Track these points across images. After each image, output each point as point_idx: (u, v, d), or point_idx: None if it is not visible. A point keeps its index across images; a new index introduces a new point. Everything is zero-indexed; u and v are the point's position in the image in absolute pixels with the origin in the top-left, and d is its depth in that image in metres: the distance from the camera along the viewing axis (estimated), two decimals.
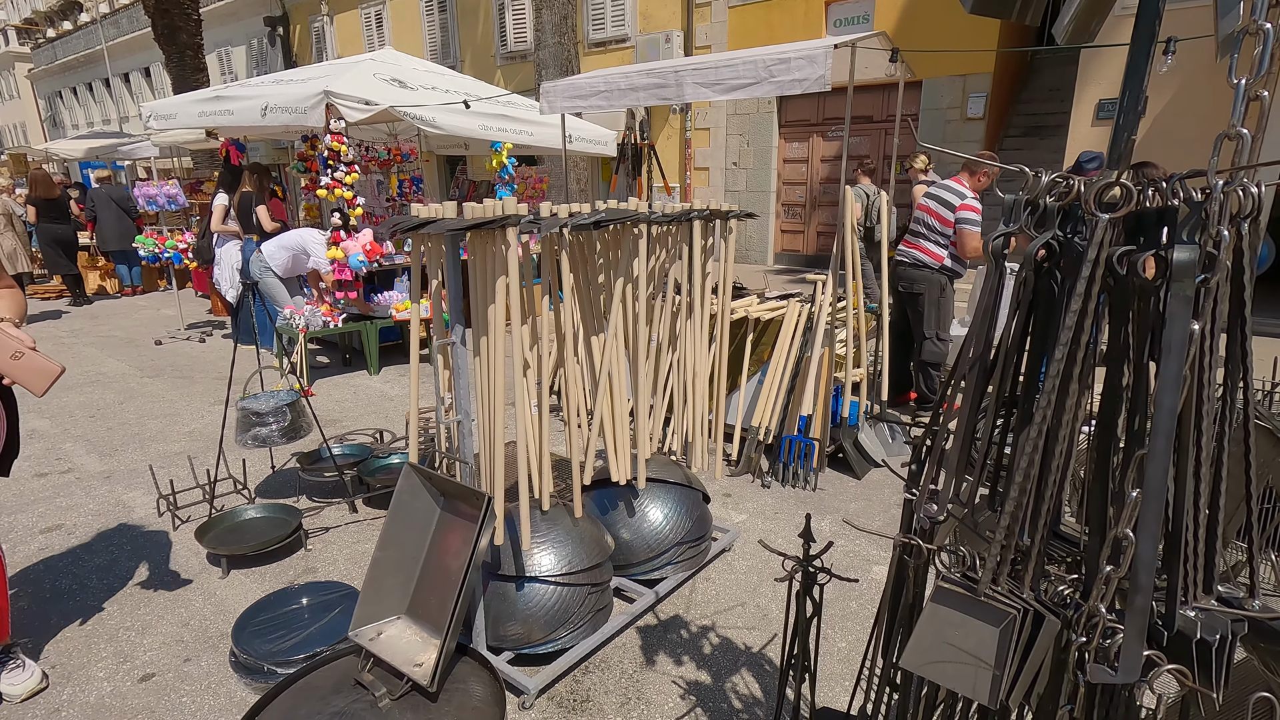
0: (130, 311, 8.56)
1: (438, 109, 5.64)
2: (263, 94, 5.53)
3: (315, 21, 17.85)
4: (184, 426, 4.48)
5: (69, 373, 5.70)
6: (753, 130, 11.01)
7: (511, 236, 1.83)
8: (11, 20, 34.83)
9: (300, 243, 5.45)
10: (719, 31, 10.91)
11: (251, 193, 6.03)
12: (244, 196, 6.00)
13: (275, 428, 3.12)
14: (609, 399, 2.37)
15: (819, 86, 3.33)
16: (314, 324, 5.30)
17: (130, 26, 24.75)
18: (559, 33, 8.77)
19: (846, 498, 3.52)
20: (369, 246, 5.37)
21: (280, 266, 5.51)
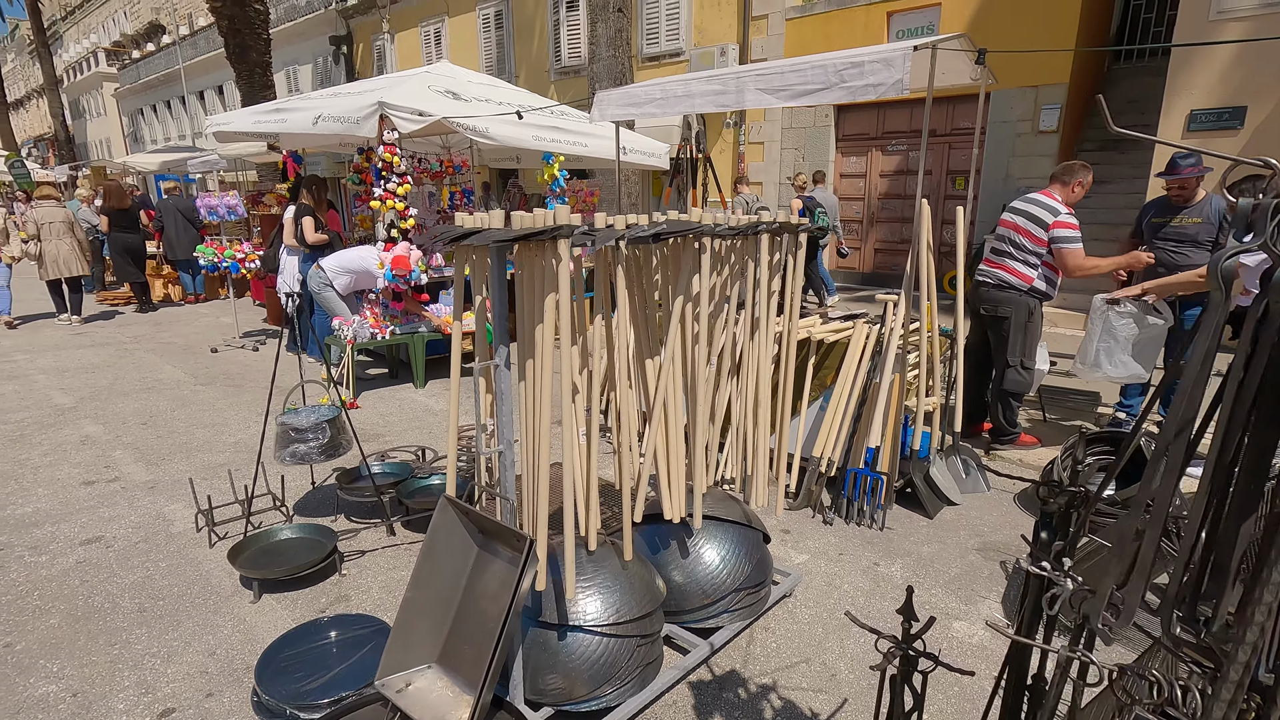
0: (191, 319, 8.78)
1: (491, 120, 5.57)
2: (317, 105, 5.56)
3: (377, 40, 18.37)
4: (230, 437, 4.45)
5: (128, 380, 5.80)
6: (809, 144, 10.72)
7: (563, 249, 1.65)
8: (102, 43, 37.15)
9: (363, 265, 5.42)
10: (775, 44, 10.69)
11: (306, 205, 6.07)
12: (299, 209, 6.04)
13: (314, 445, 3.01)
14: (664, 427, 2.16)
15: (896, 92, 3.08)
16: (361, 336, 5.25)
17: (207, 47, 26.03)
18: (613, 46, 8.71)
19: (918, 539, 3.21)
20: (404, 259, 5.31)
21: (342, 286, 5.51)
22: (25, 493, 3.61)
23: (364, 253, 5.50)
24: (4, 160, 18.94)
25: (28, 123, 47.21)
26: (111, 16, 37.63)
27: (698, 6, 11.52)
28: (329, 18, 19.45)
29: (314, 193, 6.28)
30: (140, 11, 34.63)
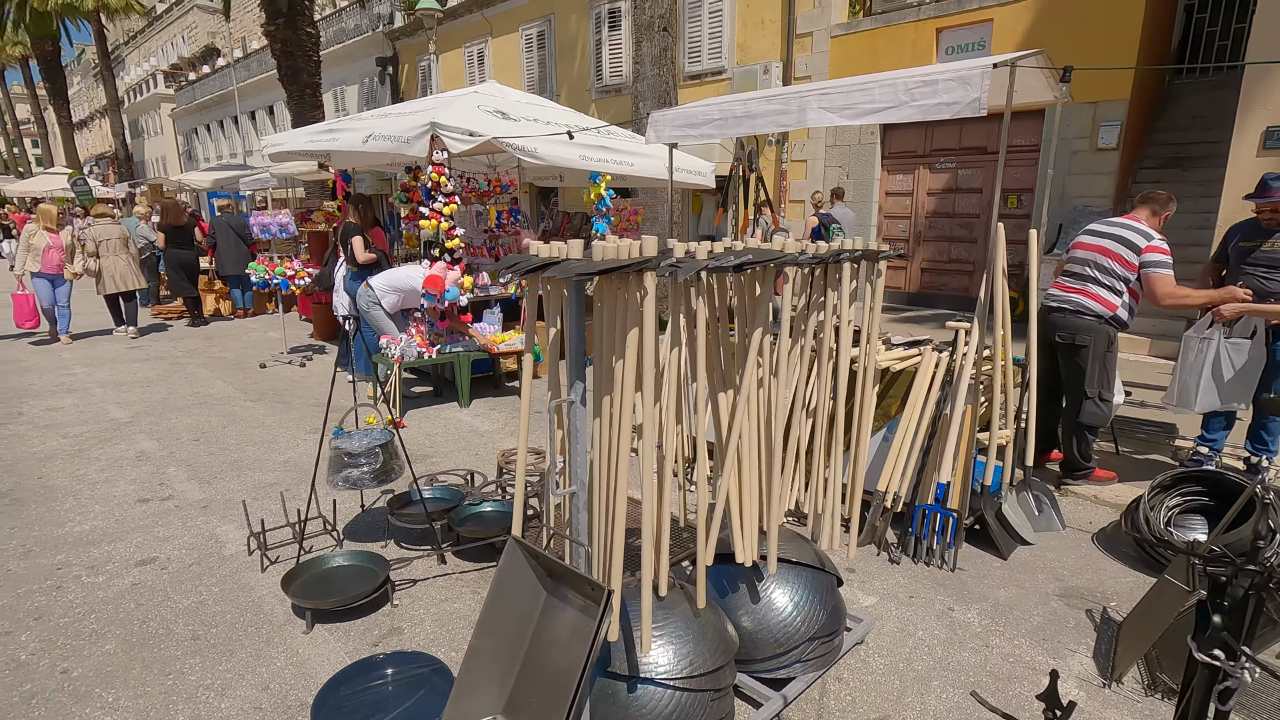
0: (241, 333, 8.95)
1: (540, 140, 5.57)
2: (368, 125, 5.63)
3: (422, 61, 18.77)
4: (280, 455, 4.45)
5: (181, 394, 5.89)
6: (854, 162, 10.56)
7: (649, 283, 1.55)
8: (161, 66, 38.83)
9: (410, 284, 5.43)
10: (820, 62, 10.59)
11: (353, 223, 6.13)
12: (346, 227, 6.11)
13: (367, 469, 2.96)
14: (737, 465, 2.04)
15: (972, 111, 2.95)
16: (409, 354, 5.25)
17: (259, 69, 26.96)
18: (658, 65, 8.69)
19: (993, 582, 3.02)
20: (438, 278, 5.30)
21: (390, 305, 5.53)
22: (83, 510, 3.64)
23: (411, 271, 5.52)
24: (68, 178, 19.80)
25: (90, 142, 49.50)
26: (170, 41, 39.33)
27: (740, 25, 11.49)
28: (376, 40, 19.97)
29: (360, 211, 6.36)
30: (197, 36, 36.12)
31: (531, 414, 5.26)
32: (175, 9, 37.64)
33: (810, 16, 10.59)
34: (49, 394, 5.91)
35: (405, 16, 19.25)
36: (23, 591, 2.87)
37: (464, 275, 5.35)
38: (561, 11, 14.45)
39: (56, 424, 5.08)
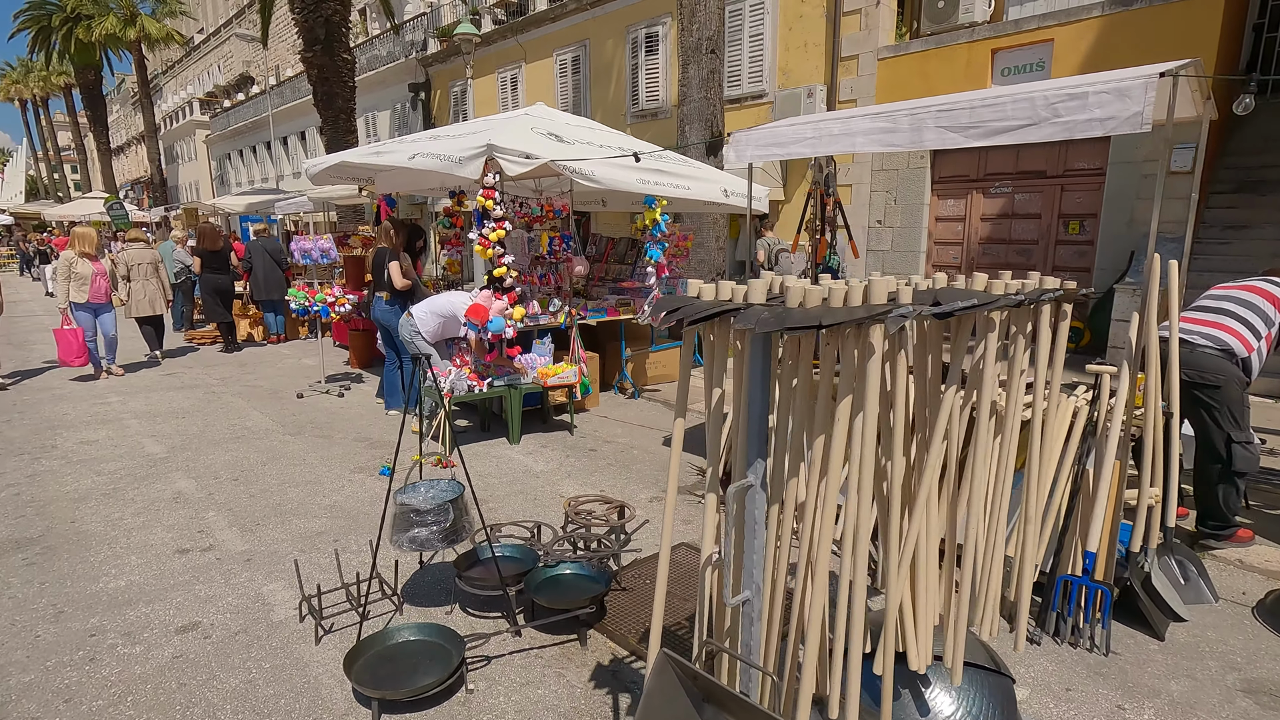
0: (275, 360, 8.74)
1: (597, 163, 5.29)
2: (416, 147, 5.39)
3: (455, 86, 18.86)
4: (325, 498, 4.14)
5: (217, 427, 5.63)
6: (902, 186, 10.22)
7: (876, 338, 1.20)
8: (197, 94, 39.80)
9: (451, 308, 5.17)
10: (866, 85, 10.32)
11: (385, 248, 5.89)
12: (379, 252, 5.86)
13: (435, 529, 2.62)
14: (919, 550, 1.67)
15: (1131, 128, 2.59)
16: (459, 388, 4.94)
17: (292, 96, 27.40)
18: (705, 88, 8.46)
19: (1157, 670, 2.58)
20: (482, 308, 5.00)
21: (430, 332, 5.25)
22: (118, 561, 3.34)
23: (453, 297, 5.23)
24: (104, 202, 20.07)
25: (126, 167, 50.76)
26: (207, 70, 40.33)
27: (783, 49, 11.29)
28: (409, 66, 20.15)
29: (396, 235, 6.12)
30: (233, 65, 36.98)
31: (579, 453, 4.98)
32: (213, 39, 38.64)
33: (856, 39, 10.35)
34: (83, 425, 5.68)
35: (439, 43, 19.41)
36: (52, 665, 2.55)
37: (514, 305, 5.05)
38: (597, 37, 14.40)
39: (91, 459, 4.82)
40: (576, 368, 5.38)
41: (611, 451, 5.13)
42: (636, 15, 13.45)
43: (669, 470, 1.56)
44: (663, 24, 12.99)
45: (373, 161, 5.76)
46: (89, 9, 28.47)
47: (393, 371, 5.94)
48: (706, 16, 8.27)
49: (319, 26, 14.39)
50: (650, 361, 7.14)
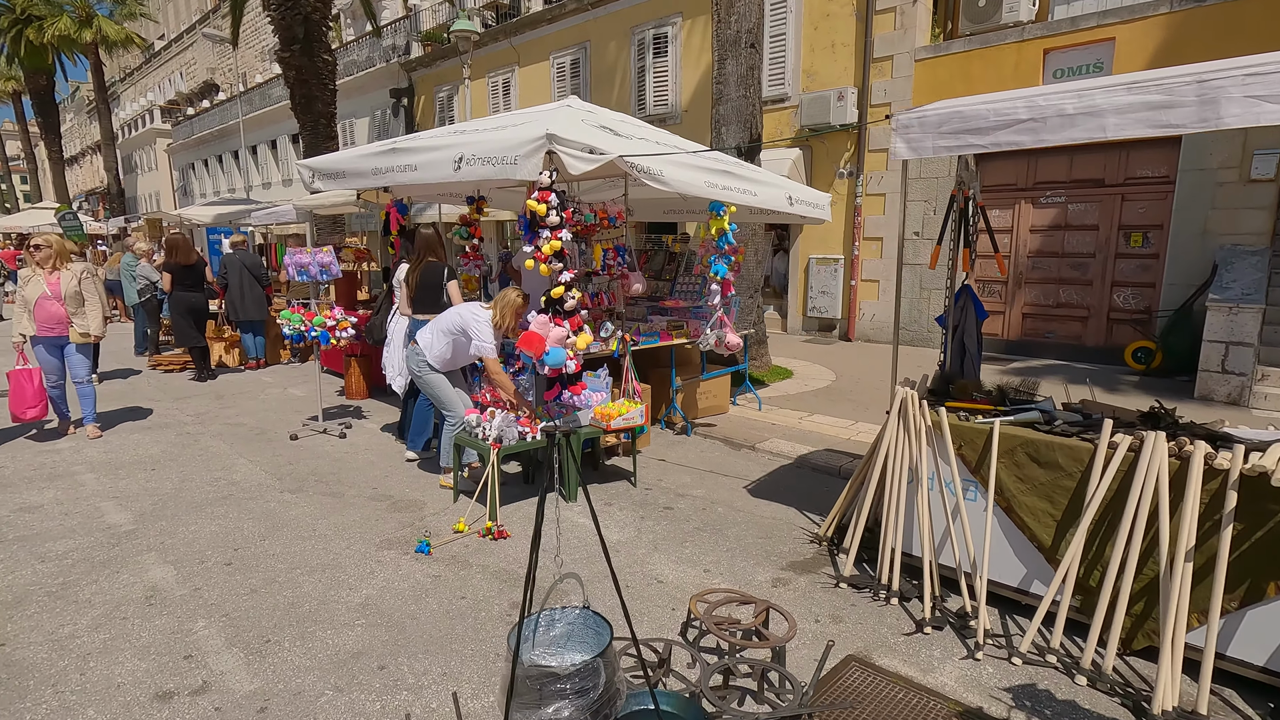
0: (256, 389, 7.63)
1: (665, 162, 4.42)
2: (455, 143, 4.45)
3: (440, 92, 17.88)
4: (352, 592, 3.14)
5: (197, 482, 4.56)
6: (941, 195, 9.53)
7: None
8: (158, 102, 38.01)
9: (460, 323, 4.21)
10: (901, 88, 9.66)
11: (437, 264, 4.96)
12: (429, 268, 4.93)
13: (581, 702, 1.68)
14: None
15: None
16: (508, 437, 3.98)
17: (261, 103, 26.08)
18: (744, 85, 7.67)
19: None
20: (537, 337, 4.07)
21: (439, 358, 4.29)
22: (69, 715, 2.31)
23: (463, 311, 4.22)
24: (54, 213, 18.56)
25: (80, 178, 48.39)
26: (168, 77, 38.62)
27: (807, 50, 10.59)
28: (390, 71, 19.11)
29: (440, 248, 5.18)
30: (196, 72, 35.41)
31: (653, 512, 4.01)
32: (175, 45, 37.00)
33: (890, 39, 9.69)
34: (23, 483, 4.56)
35: (423, 47, 18.44)
36: None
37: (578, 333, 4.12)
38: (599, 38, 13.59)
39: (32, 535, 3.74)
40: (643, 406, 4.46)
41: (690, 509, 4.21)
42: (643, 15, 12.68)
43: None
44: (673, 24, 12.23)
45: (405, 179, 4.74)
46: (40, 10, 26.79)
47: (427, 408, 4.93)
48: (747, 7, 7.49)
49: (297, 25, 13.32)
50: (701, 391, 6.24)
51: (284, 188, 24.89)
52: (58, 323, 5.30)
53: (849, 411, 6.51)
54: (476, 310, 4.21)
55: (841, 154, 10.38)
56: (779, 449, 5.41)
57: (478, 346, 4.15)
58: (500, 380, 4.21)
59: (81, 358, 5.42)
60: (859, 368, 8.58)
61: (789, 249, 11.27)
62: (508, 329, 4.21)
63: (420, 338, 4.37)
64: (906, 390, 3.30)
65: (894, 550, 3.21)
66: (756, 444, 5.54)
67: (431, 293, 4.89)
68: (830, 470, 4.95)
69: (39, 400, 5.18)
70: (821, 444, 5.49)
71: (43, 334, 5.23)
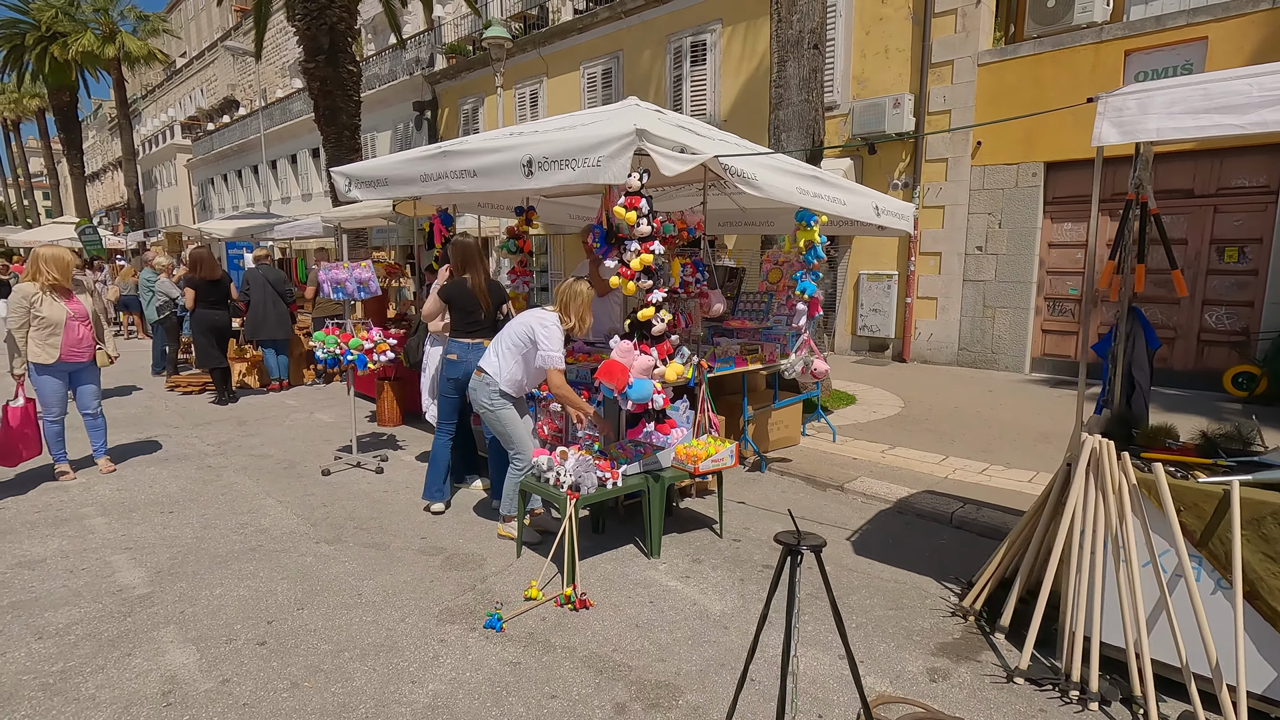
0: (280, 414, 7.10)
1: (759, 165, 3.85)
2: (516, 144, 3.90)
3: (465, 104, 17.53)
4: (417, 687, 2.54)
5: (221, 529, 3.99)
6: (1008, 207, 8.93)
7: None
8: (179, 118, 38.17)
9: (526, 331, 3.60)
10: (963, 94, 9.09)
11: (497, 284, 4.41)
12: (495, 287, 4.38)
13: None
14: None
15: None
16: (586, 484, 3.38)
17: (282, 118, 25.95)
18: (806, 89, 7.12)
19: None
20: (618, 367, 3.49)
21: (511, 383, 3.67)
22: None
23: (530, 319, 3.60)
24: (75, 226, 18.29)
25: (100, 194, 48.71)
26: (189, 94, 38.83)
27: (857, 55, 10.06)
28: (414, 84, 18.82)
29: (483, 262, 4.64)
30: (216, 88, 35.54)
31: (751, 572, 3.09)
32: (196, 62, 37.20)
33: (950, 43, 9.14)
34: (25, 529, 4.01)
35: (446, 59, 18.14)
36: None
37: (667, 363, 3.53)
38: (632, 47, 13.15)
39: (30, 599, 3.18)
40: (733, 445, 3.86)
41: None
42: (680, 23, 12.24)
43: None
44: (711, 31, 11.77)
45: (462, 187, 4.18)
46: (65, 26, 26.88)
47: (445, 446, 4.31)
48: (809, 6, 6.96)
49: (323, 35, 13.01)
50: (772, 421, 5.63)
51: (303, 202, 24.65)
52: (87, 346, 4.71)
53: (933, 444, 5.87)
54: (544, 315, 3.61)
55: (896, 164, 9.81)
56: (872, 490, 4.78)
57: (544, 357, 3.53)
58: (568, 396, 3.57)
59: (95, 385, 4.88)
60: (925, 392, 7.94)
61: (837, 263, 10.67)
62: (575, 329, 3.60)
63: (487, 363, 3.70)
64: (1098, 441, 2.68)
65: (1083, 636, 2.57)
66: (845, 484, 4.91)
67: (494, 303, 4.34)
68: (940, 517, 4.32)
69: (35, 439, 4.61)
70: (917, 484, 4.86)
71: (67, 359, 4.60)
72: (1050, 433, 6.15)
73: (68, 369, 4.67)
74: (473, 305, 4.18)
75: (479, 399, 3.74)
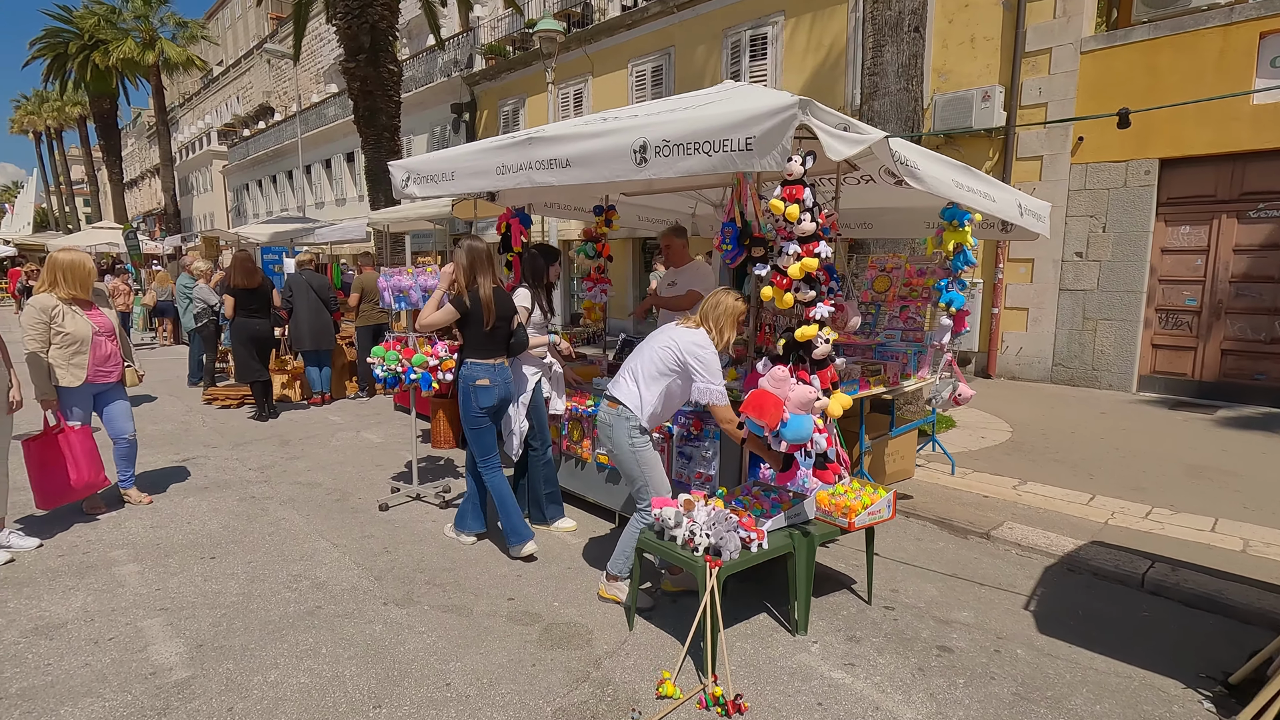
0: (324, 433, 6.52)
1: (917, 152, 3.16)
2: (620, 128, 3.24)
3: (504, 105, 17.05)
4: None
5: (274, 587, 3.36)
6: (1114, 209, 8.08)
7: None
8: (215, 125, 38.48)
9: (677, 355, 2.92)
10: (1062, 84, 8.27)
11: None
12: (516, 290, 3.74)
13: None
14: None
15: None
16: (729, 547, 2.68)
17: (317, 122, 25.77)
18: (905, 76, 6.41)
19: None
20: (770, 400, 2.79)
21: (652, 417, 3.00)
22: None
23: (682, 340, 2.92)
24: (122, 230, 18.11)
25: (138, 200, 49.41)
26: (225, 101, 39.14)
27: (939, 46, 9.30)
28: (451, 85, 18.40)
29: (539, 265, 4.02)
30: (252, 95, 35.70)
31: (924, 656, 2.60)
32: (232, 70, 37.47)
33: (1047, 30, 8.34)
34: (45, 577, 3.43)
35: (485, 60, 17.69)
36: None
37: (830, 393, 2.83)
38: (684, 43, 12.51)
39: (44, 687, 2.56)
40: (889, 494, 3.15)
41: (979, 653, 2.86)
42: (738, 16, 11.57)
43: None
44: (773, 24, 11.08)
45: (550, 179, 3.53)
46: (106, 34, 27.09)
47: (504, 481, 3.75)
48: None
49: (364, 34, 12.61)
50: (889, 452, 4.90)
51: (336, 206, 24.42)
52: (114, 365, 4.14)
53: (1068, 478, 5.08)
54: (695, 335, 2.93)
55: (982, 162, 9.00)
56: (1026, 539, 4.02)
57: (703, 389, 2.86)
58: (751, 440, 2.92)
59: (127, 405, 4.29)
60: (1028, 414, 7.12)
61: None
62: (719, 348, 2.93)
63: (624, 393, 3.01)
64: None
65: None
66: (989, 530, 4.15)
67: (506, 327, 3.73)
68: (1127, 579, 3.55)
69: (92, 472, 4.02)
70: (1074, 531, 4.09)
71: (95, 379, 4.03)
72: (1201, 465, 5.33)
73: (94, 391, 4.08)
74: (489, 318, 3.59)
75: (615, 437, 3.02)
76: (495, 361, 3.68)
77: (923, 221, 5.74)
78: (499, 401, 3.70)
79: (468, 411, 3.67)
